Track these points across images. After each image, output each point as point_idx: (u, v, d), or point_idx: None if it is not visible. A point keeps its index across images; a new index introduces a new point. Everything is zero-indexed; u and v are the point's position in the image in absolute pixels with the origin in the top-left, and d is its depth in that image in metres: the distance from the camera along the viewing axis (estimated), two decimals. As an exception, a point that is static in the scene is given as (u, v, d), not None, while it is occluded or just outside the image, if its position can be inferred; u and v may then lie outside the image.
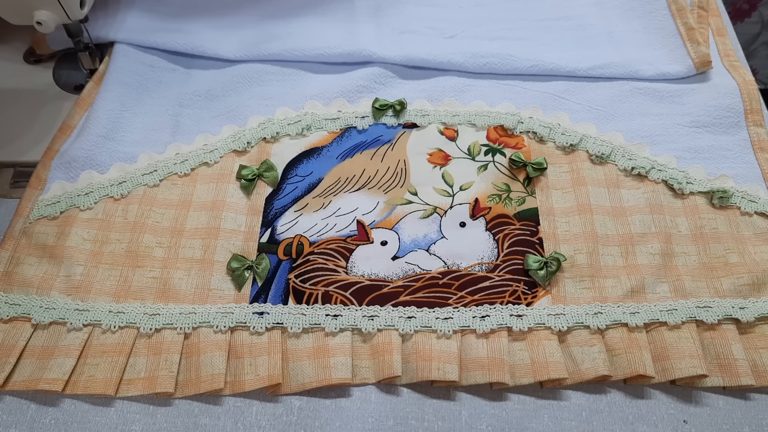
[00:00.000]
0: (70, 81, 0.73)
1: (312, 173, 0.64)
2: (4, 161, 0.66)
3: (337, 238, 0.60)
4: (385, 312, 0.55)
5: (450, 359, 0.52)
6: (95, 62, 0.72)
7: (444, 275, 0.57)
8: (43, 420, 0.50)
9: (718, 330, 0.55)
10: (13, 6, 0.61)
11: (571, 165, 0.65)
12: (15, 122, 0.68)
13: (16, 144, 0.66)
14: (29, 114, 0.69)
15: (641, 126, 0.68)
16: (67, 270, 0.55)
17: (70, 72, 0.74)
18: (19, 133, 0.67)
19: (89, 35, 0.71)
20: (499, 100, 0.70)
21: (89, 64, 0.72)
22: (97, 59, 0.73)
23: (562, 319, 0.55)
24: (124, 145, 0.64)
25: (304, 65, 0.73)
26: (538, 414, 0.52)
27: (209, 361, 0.51)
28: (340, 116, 0.68)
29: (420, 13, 0.79)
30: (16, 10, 0.62)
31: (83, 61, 0.72)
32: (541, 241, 0.60)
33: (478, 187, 0.63)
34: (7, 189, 0.64)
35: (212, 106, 0.68)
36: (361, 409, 0.51)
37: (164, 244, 0.58)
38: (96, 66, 0.72)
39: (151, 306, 0.54)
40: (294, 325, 0.53)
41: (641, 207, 0.62)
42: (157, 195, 0.61)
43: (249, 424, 0.50)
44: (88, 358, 0.51)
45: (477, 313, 0.55)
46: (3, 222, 0.61)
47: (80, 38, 0.70)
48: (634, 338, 0.54)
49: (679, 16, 0.77)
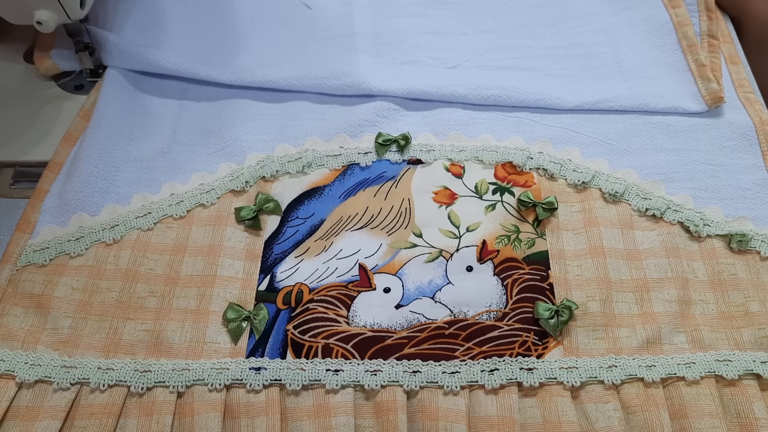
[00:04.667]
0: (70, 81, 0.73)
1: (313, 215, 0.61)
2: (4, 161, 0.66)
3: (338, 284, 0.57)
4: (388, 366, 0.52)
5: (458, 418, 0.49)
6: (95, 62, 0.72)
7: (450, 325, 0.55)
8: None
9: (739, 386, 0.52)
10: (13, 5, 0.61)
11: (583, 204, 0.62)
12: (15, 122, 0.68)
13: (16, 144, 0.67)
14: (29, 114, 0.69)
15: (655, 162, 0.65)
16: (54, 322, 0.53)
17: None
18: (19, 133, 0.68)
19: (89, 35, 0.70)
20: (506, 134, 0.68)
21: (89, 64, 0.72)
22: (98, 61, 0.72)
23: (574, 373, 0.52)
24: (116, 185, 0.61)
25: (302, 96, 0.70)
26: (551, 478, 0.49)
27: (203, 422, 0.48)
28: (342, 152, 0.65)
29: (422, 41, 0.76)
30: (16, 10, 0.61)
31: (83, 61, 0.71)
32: (552, 286, 0.57)
33: (486, 228, 0.61)
34: (7, 189, 0.64)
35: (208, 142, 0.66)
36: (364, 473, 0.49)
37: (157, 293, 0.55)
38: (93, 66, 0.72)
39: (143, 362, 0.51)
40: (293, 381, 0.51)
41: (656, 250, 0.59)
42: (151, 239, 0.58)
43: (246, 489, 0.48)
44: (75, 420, 0.48)
45: (485, 366, 0.52)
46: (2, 222, 0.61)
47: (80, 38, 0.69)
48: (651, 395, 0.51)
49: (690, 52, 0.75)
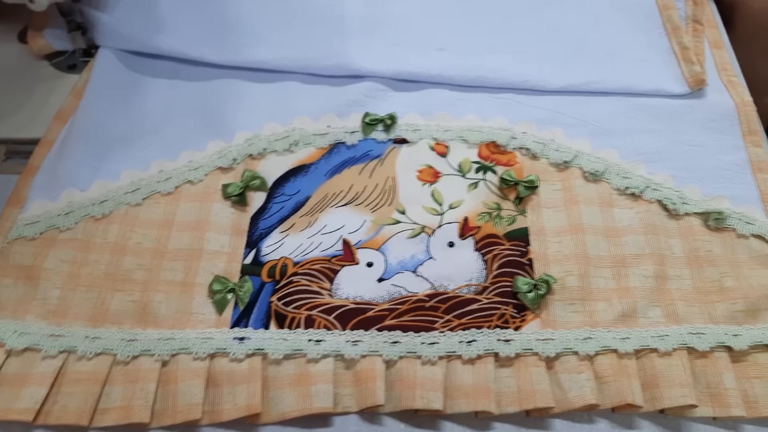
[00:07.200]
0: (63, 60, 0.74)
1: (299, 192, 0.62)
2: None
3: (321, 258, 0.58)
4: (369, 337, 0.53)
5: (434, 387, 0.51)
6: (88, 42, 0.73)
7: (431, 298, 0.56)
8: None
9: (710, 358, 0.53)
10: (5, -16, 0.62)
11: (564, 183, 0.63)
12: (8, 100, 0.70)
13: (9, 121, 0.68)
14: (22, 92, 0.71)
15: (637, 143, 0.67)
16: (43, 293, 0.54)
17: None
18: (12, 111, 0.69)
19: (82, 15, 0.71)
20: (492, 114, 0.69)
21: (81, 43, 0.72)
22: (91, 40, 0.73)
23: (550, 345, 0.53)
24: (106, 161, 0.63)
25: (292, 77, 0.71)
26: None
27: (187, 389, 0.50)
28: (329, 131, 0.66)
29: (413, 24, 0.77)
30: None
31: (76, 40, 0.72)
32: (531, 262, 0.58)
33: (468, 205, 0.62)
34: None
35: (198, 120, 0.67)
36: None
37: (145, 266, 0.57)
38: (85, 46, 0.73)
39: (129, 331, 0.53)
40: (275, 351, 0.52)
41: (635, 227, 0.61)
42: (140, 214, 0.60)
43: (226, 454, 0.49)
44: (62, 386, 0.50)
45: (464, 337, 0.53)
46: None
47: (73, 17, 0.70)
48: (624, 365, 0.52)
49: (674, 35, 0.76)
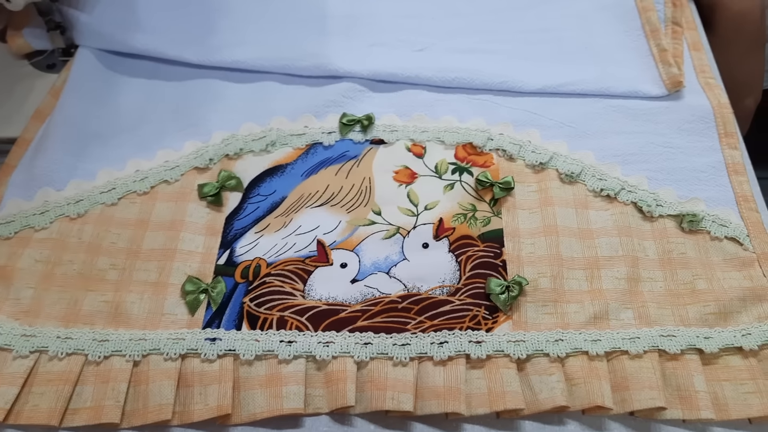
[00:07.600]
0: (43, 60, 0.74)
1: (275, 192, 0.63)
2: None
3: (295, 259, 0.58)
4: (341, 338, 0.54)
5: (405, 388, 0.51)
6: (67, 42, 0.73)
7: (404, 299, 0.56)
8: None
9: (681, 360, 0.53)
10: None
11: (540, 184, 0.64)
12: None
13: None
14: (1, 91, 0.70)
15: (613, 144, 0.67)
16: (16, 293, 0.54)
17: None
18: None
19: (61, 14, 0.70)
20: (469, 116, 0.69)
21: (60, 43, 0.72)
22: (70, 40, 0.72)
23: (521, 346, 0.53)
24: (82, 161, 0.63)
25: (270, 77, 0.71)
26: (493, 445, 0.51)
27: (158, 390, 0.50)
28: (307, 132, 0.66)
29: (393, 24, 0.77)
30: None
31: (55, 40, 0.72)
32: (505, 263, 0.59)
33: (444, 206, 0.62)
34: None
35: (175, 120, 0.67)
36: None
37: (118, 266, 0.57)
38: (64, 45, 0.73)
39: (101, 332, 0.53)
40: (246, 352, 0.52)
41: (609, 229, 0.61)
42: (115, 214, 0.60)
43: (196, 455, 0.49)
44: (33, 386, 0.50)
45: (435, 339, 0.54)
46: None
47: (51, 17, 0.69)
48: (594, 367, 0.53)
49: (652, 37, 0.76)
